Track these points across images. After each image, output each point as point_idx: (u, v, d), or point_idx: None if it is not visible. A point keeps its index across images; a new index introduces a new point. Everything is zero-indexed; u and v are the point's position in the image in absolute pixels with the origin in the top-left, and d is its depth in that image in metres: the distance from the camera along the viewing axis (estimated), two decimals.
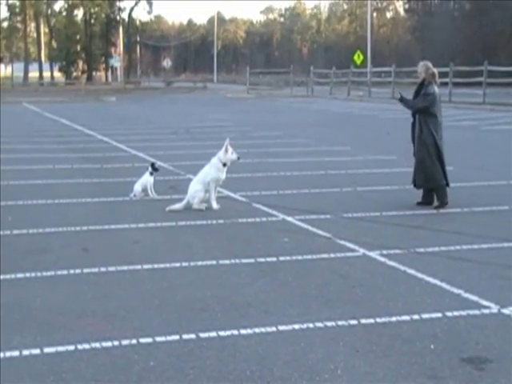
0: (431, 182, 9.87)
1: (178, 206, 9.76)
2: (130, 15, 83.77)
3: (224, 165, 9.80)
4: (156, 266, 7.09)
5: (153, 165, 10.83)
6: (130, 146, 17.69)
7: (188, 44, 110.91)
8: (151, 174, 10.71)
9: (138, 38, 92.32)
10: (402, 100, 10.21)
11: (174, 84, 67.33)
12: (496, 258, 7.31)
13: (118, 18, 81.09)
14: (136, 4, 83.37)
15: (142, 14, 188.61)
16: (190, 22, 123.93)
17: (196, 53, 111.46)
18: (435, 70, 10.00)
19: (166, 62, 73.68)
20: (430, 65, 10.02)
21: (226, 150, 9.76)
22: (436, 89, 9.94)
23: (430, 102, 9.77)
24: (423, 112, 9.84)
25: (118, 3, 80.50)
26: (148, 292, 6.31)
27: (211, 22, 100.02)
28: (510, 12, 54.74)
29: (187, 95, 51.82)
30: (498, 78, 34.52)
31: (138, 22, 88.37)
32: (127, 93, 54.22)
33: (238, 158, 9.89)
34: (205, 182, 9.76)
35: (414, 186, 10.09)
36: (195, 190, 9.76)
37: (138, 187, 10.68)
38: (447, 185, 9.89)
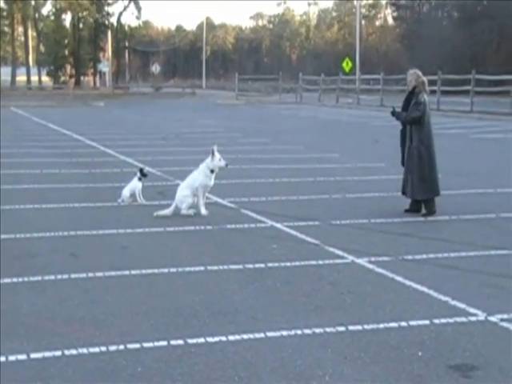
0: (429, 193, 9.85)
1: (166, 211, 9.75)
2: (118, 20, 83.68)
3: (212, 171, 9.80)
4: (144, 271, 7.07)
5: (141, 170, 10.83)
6: (118, 151, 17.66)
7: (177, 49, 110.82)
8: (140, 179, 10.70)
9: (127, 43, 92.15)
10: (394, 114, 10.19)
11: (162, 89, 67.24)
12: (483, 265, 7.34)
13: (106, 22, 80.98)
14: (125, 9, 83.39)
15: (130, 19, 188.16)
16: (178, 27, 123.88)
17: (185, 58, 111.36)
18: (425, 79, 10.03)
19: (155, 68, 73.51)
20: (419, 73, 10.05)
21: (214, 157, 9.76)
22: (426, 97, 9.99)
23: (422, 112, 9.81)
24: (416, 122, 9.84)
25: (106, 8, 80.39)
26: (136, 298, 6.30)
27: (200, 27, 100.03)
28: (498, 21, 55.09)
29: (176, 101, 51.79)
30: (485, 87, 34.72)
31: (126, 27, 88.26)
32: (116, 98, 54.10)
33: (226, 165, 9.89)
34: (193, 187, 9.76)
35: (403, 193, 10.11)
36: (183, 195, 9.76)
37: (126, 192, 10.66)
38: (438, 194, 9.93)
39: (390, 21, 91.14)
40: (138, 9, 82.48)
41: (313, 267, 7.27)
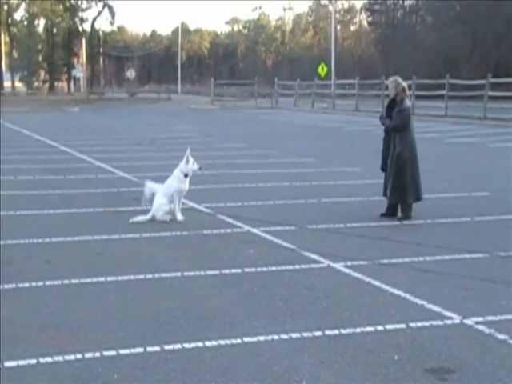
0: (410, 198, 9.91)
1: (141, 218, 9.71)
2: (92, 25, 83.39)
3: (186, 175, 9.77)
4: (120, 278, 7.03)
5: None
6: (93, 157, 17.56)
7: (152, 55, 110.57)
8: None
9: (101, 49, 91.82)
10: (381, 118, 10.16)
11: (137, 95, 67.06)
12: (458, 269, 7.39)
13: (80, 28, 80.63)
14: (99, 14, 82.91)
15: (104, 25, 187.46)
16: (153, 32, 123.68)
17: (160, 64, 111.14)
18: (405, 85, 10.08)
19: (130, 73, 73.29)
20: (399, 80, 10.07)
21: (187, 161, 9.74)
22: (409, 103, 10.07)
23: (407, 118, 9.87)
24: (399, 130, 9.88)
25: (80, 14, 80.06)
26: (112, 304, 6.26)
27: (175, 32, 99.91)
28: (471, 26, 55.62)
29: (151, 106, 51.67)
30: (459, 91, 35.02)
31: (100, 33, 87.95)
32: (90, 103, 53.87)
33: (200, 169, 9.87)
34: (168, 194, 9.73)
35: (385, 195, 10.13)
36: (160, 203, 9.72)
37: (147, 192, 10.21)
38: (421, 198, 9.99)
39: (365, 26, 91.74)
40: (112, 14, 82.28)
41: (289, 272, 7.27)
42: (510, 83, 34.81)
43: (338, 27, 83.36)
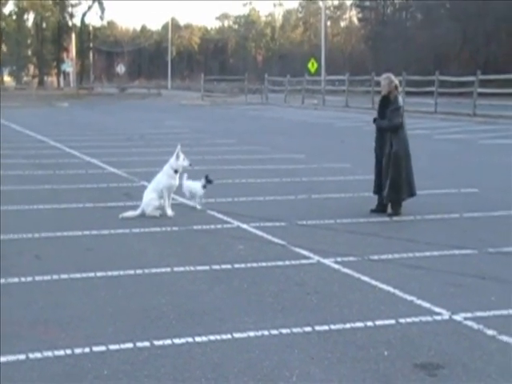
0: (405, 195, 9.94)
1: (131, 213, 9.69)
2: (82, 20, 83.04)
3: (176, 171, 9.77)
4: (110, 273, 7.02)
5: (207, 177, 10.13)
6: (83, 152, 17.51)
7: (142, 50, 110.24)
8: (204, 186, 10.10)
9: (91, 44, 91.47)
10: (376, 121, 10.15)
11: (127, 90, 66.91)
12: (447, 265, 7.42)
13: (69, 23, 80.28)
14: (89, 9, 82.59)
15: (94, 20, 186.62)
16: (143, 27, 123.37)
17: (150, 59, 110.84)
18: (397, 82, 10.10)
19: (120, 68, 73.07)
20: (392, 77, 10.07)
21: (178, 157, 9.74)
22: (401, 101, 10.09)
23: (402, 115, 9.90)
24: (398, 128, 9.88)
25: (69, 8, 79.72)
26: (101, 300, 6.25)
27: (165, 27, 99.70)
28: (461, 23, 55.76)
29: (141, 101, 51.55)
30: (449, 88, 35.11)
31: (90, 28, 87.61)
32: (80, 98, 53.68)
33: (190, 165, 9.88)
34: (158, 189, 9.73)
35: (375, 193, 10.14)
36: (150, 199, 9.71)
37: (186, 193, 10.25)
38: (414, 194, 10.04)
39: (355, 22, 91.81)
40: (102, 9, 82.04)
41: (279, 268, 7.28)
42: (499, 80, 34.94)
43: (328, 23, 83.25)
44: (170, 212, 9.70)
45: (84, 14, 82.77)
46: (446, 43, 56.27)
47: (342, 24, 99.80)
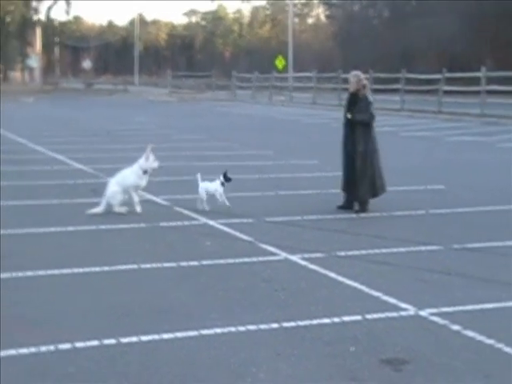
0: (378, 192, 10.01)
1: (98, 209, 9.61)
2: (47, 15, 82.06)
3: (145, 172, 9.67)
4: (76, 270, 6.96)
5: (225, 174, 9.90)
6: (48, 148, 17.33)
7: (109, 45, 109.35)
8: (222, 184, 9.87)
9: (57, 39, 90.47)
10: (351, 116, 10.07)
11: (94, 86, 66.37)
12: (414, 261, 7.48)
13: (34, 17, 79.26)
14: (54, 3, 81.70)
15: (60, 14, 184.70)
16: (110, 23, 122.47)
17: (117, 54, 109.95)
18: (366, 81, 10.15)
19: (86, 64, 72.50)
20: (361, 76, 10.12)
21: (147, 158, 9.64)
22: (371, 97, 10.17)
23: (374, 110, 9.97)
24: (371, 121, 9.93)
25: (34, 3, 78.66)
26: (67, 297, 6.19)
27: (132, 23, 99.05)
28: (427, 20, 56.19)
29: (108, 97, 51.17)
30: (415, 86, 35.39)
31: (56, 23, 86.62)
32: (45, 94, 53.11)
33: (160, 167, 9.78)
34: (123, 185, 9.63)
35: (343, 189, 10.18)
36: (114, 191, 9.61)
37: (202, 193, 9.84)
38: (385, 190, 10.15)
39: (323, 19, 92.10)
40: (68, 4, 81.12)
41: (247, 264, 7.28)
42: (464, 78, 35.30)
43: (296, 20, 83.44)
44: (139, 209, 9.61)
45: (49, 9, 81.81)
46: (412, 41, 56.67)
47: (310, 21, 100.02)
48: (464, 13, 53.58)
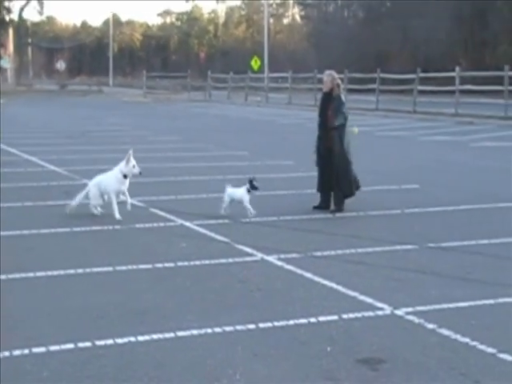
0: (355, 187, 10.06)
1: (74, 204, 9.48)
2: (20, 15, 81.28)
3: (125, 176, 9.50)
4: (50, 273, 6.89)
5: (251, 181, 9.52)
6: (21, 150, 17.17)
7: (83, 46, 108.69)
8: (248, 191, 9.49)
9: (30, 39, 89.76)
10: (334, 124, 10.04)
11: (68, 87, 65.86)
12: (389, 260, 7.51)
13: (6, 18, 78.44)
14: (26, 4, 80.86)
15: (33, 15, 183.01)
16: (84, 23, 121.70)
17: (91, 55, 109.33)
18: (339, 81, 10.19)
19: (60, 64, 71.84)
20: (335, 75, 10.17)
21: (128, 162, 9.46)
22: (344, 98, 10.20)
23: (346, 110, 10.01)
24: (345, 122, 9.97)
25: (6, 3, 77.88)
26: (41, 300, 6.13)
27: (106, 23, 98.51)
28: (401, 22, 56.54)
29: (82, 98, 50.86)
30: (390, 85, 35.60)
31: (28, 23, 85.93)
32: (18, 95, 52.61)
33: (140, 173, 9.59)
34: (103, 189, 9.48)
35: (319, 190, 10.19)
36: (93, 193, 9.46)
37: (227, 199, 9.57)
38: (360, 186, 10.21)
39: (298, 19, 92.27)
40: (41, 4, 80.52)
41: (222, 265, 7.26)
42: (438, 78, 35.59)
43: (271, 21, 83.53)
44: (117, 215, 9.38)
45: (22, 9, 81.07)
46: (386, 41, 57.02)
47: (285, 21, 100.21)
48: (439, 14, 53.99)
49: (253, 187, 9.49)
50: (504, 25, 51.39)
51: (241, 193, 9.55)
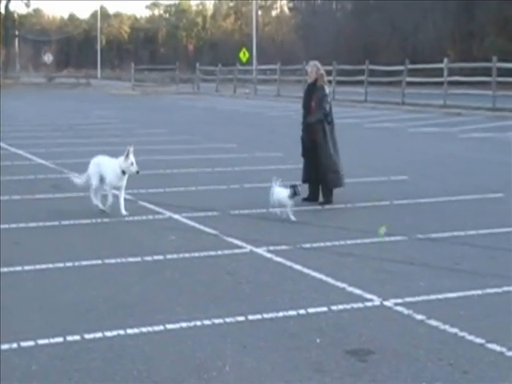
0: (342, 181, 10.10)
1: (79, 180, 9.41)
2: (6, 7, 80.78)
3: (123, 172, 9.33)
4: (38, 266, 6.87)
5: (294, 187, 9.10)
6: (8, 143, 17.08)
7: (70, 39, 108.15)
8: (291, 197, 9.07)
9: (16, 32, 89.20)
10: (311, 120, 10.08)
11: (55, 80, 65.48)
12: (378, 252, 7.52)
13: None
14: None
15: (19, 7, 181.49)
16: (71, 16, 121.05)
17: (79, 48, 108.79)
18: (323, 71, 10.20)
19: (47, 57, 71.43)
20: (319, 65, 10.18)
21: (127, 158, 9.28)
22: (327, 89, 10.19)
23: (330, 102, 10.00)
24: (329, 114, 9.96)
25: None
26: (30, 294, 6.10)
27: (94, 16, 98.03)
28: (389, 13, 56.60)
29: (70, 91, 50.64)
30: (378, 77, 35.63)
31: (15, 15, 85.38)
32: (5, 88, 52.21)
33: (137, 172, 9.35)
34: (102, 172, 9.27)
35: (304, 181, 10.19)
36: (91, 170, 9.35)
37: (274, 204, 9.18)
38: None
39: (286, 11, 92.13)
40: None
41: (211, 258, 7.25)
42: (426, 69, 35.64)
43: (260, 13, 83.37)
44: (108, 210, 9.24)
45: (8, 1, 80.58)
46: (375, 33, 57.06)
47: (273, 13, 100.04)
48: (426, 5, 54.05)
49: (295, 193, 9.11)
50: (491, 16, 51.53)
51: (285, 197, 9.09)
